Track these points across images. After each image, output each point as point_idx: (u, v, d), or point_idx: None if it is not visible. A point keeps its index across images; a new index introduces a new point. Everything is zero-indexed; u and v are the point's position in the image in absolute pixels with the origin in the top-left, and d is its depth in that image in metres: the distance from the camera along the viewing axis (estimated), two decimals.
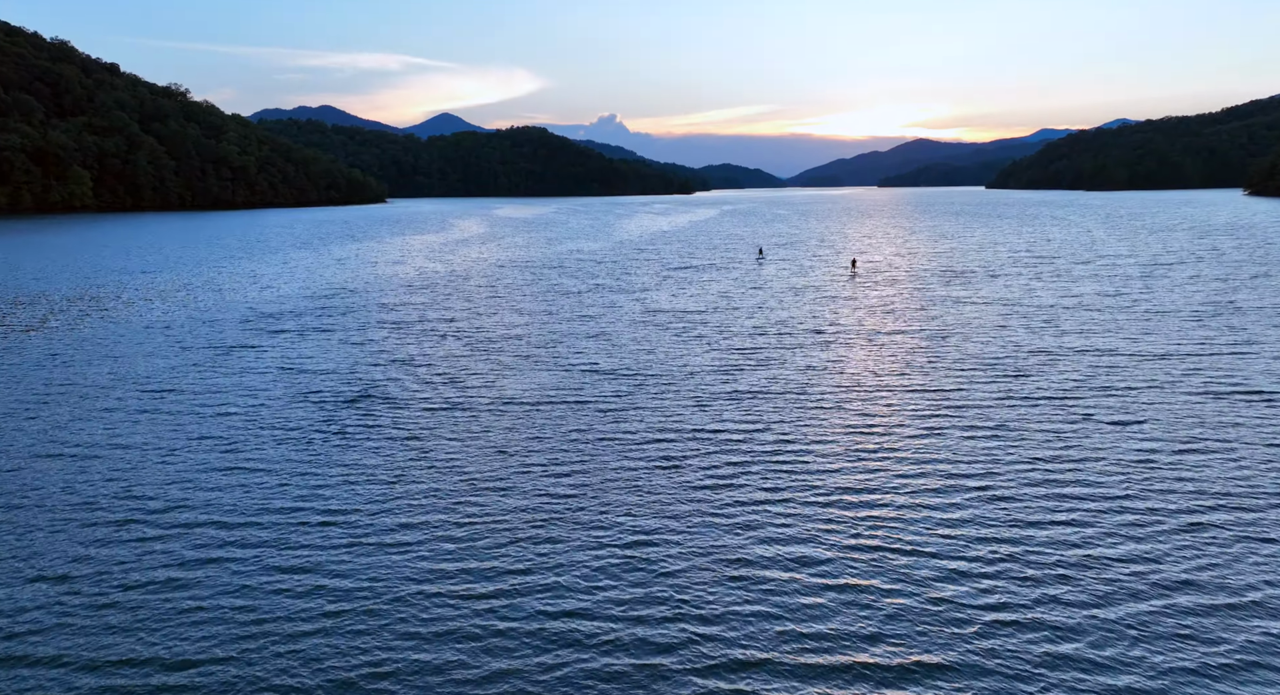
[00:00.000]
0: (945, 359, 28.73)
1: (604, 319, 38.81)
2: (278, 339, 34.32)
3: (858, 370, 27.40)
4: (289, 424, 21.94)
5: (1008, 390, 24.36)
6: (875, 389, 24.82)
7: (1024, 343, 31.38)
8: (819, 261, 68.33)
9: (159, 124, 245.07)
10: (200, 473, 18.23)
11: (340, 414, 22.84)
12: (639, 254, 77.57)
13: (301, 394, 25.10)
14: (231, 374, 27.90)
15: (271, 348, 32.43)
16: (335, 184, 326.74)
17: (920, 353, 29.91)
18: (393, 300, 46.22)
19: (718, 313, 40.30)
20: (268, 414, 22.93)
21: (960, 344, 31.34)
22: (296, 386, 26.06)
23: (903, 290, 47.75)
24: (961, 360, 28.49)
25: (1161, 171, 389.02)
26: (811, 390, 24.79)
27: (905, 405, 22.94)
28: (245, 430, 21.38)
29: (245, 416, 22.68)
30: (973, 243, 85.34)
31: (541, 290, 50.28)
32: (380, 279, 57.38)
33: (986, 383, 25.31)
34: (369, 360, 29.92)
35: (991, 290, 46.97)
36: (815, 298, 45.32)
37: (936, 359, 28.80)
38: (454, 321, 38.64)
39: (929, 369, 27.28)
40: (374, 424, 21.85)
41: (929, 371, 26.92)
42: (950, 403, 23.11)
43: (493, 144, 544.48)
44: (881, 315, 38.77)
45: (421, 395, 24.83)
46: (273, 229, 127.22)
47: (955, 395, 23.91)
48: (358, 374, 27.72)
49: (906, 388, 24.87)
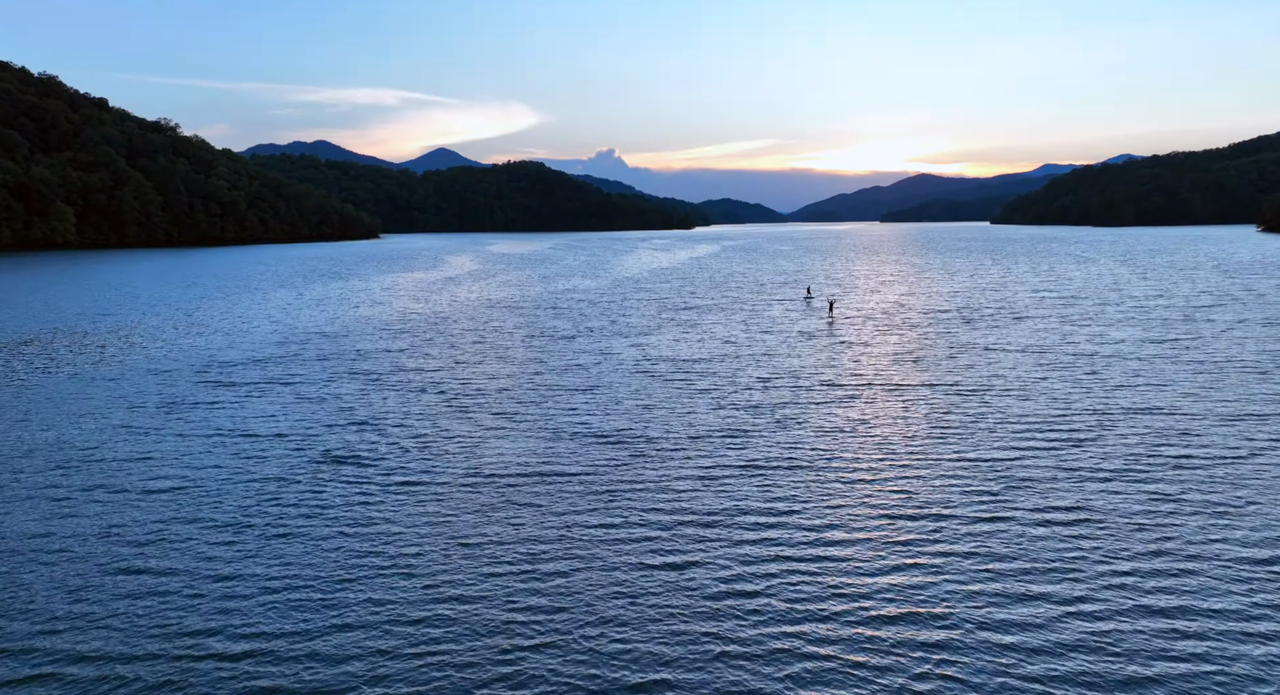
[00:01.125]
0: (986, 421, 25.68)
1: (598, 369, 35.85)
2: (231, 394, 31.27)
3: (888, 434, 24.34)
4: (222, 507, 18.81)
5: (1070, 464, 21.28)
6: (911, 459, 21.74)
7: (1072, 401, 28.36)
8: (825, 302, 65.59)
9: (147, 159, 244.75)
10: (103, 578, 15.05)
11: (285, 493, 19.71)
12: (637, 293, 74.92)
13: (246, 464, 21.98)
14: (168, 437, 24.79)
15: (222, 405, 29.36)
16: (327, 220, 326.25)
17: (956, 412, 26.88)
18: (368, 346, 43.29)
19: (724, 361, 37.36)
20: (200, 493, 19.79)
21: (1000, 402, 28.32)
22: (241, 454, 22.95)
23: (925, 334, 44.86)
24: (1005, 423, 25.45)
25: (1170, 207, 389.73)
26: (837, 461, 21.71)
27: (951, 483, 19.85)
28: (168, 516, 18.24)
29: (173, 496, 19.54)
30: (989, 281, 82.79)
31: (531, 334, 47.40)
32: (358, 322, 54.52)
33: (1042, 452, 22.23)
34: (329, 420, 26.85)
35: (1020, 335, 44.10)
36: (829, 343, 42.42)
37: (976, 420, 25.75)
38: (432, 372, 35.65)
39: (971, 433, 24.22)
40: (321, 506, 18.72)
41: (971, 437, 23.86)
42: (1004, 478, 20.01)
43: (489, 179, 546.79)
44: (907, 365, 35.80)
45: (384, 467, 21.72)
46: (256, 266, 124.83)
47: (1008, 468, 20.82)
48: (313, 439, 24.62)
49: (948, 458, 21.79)
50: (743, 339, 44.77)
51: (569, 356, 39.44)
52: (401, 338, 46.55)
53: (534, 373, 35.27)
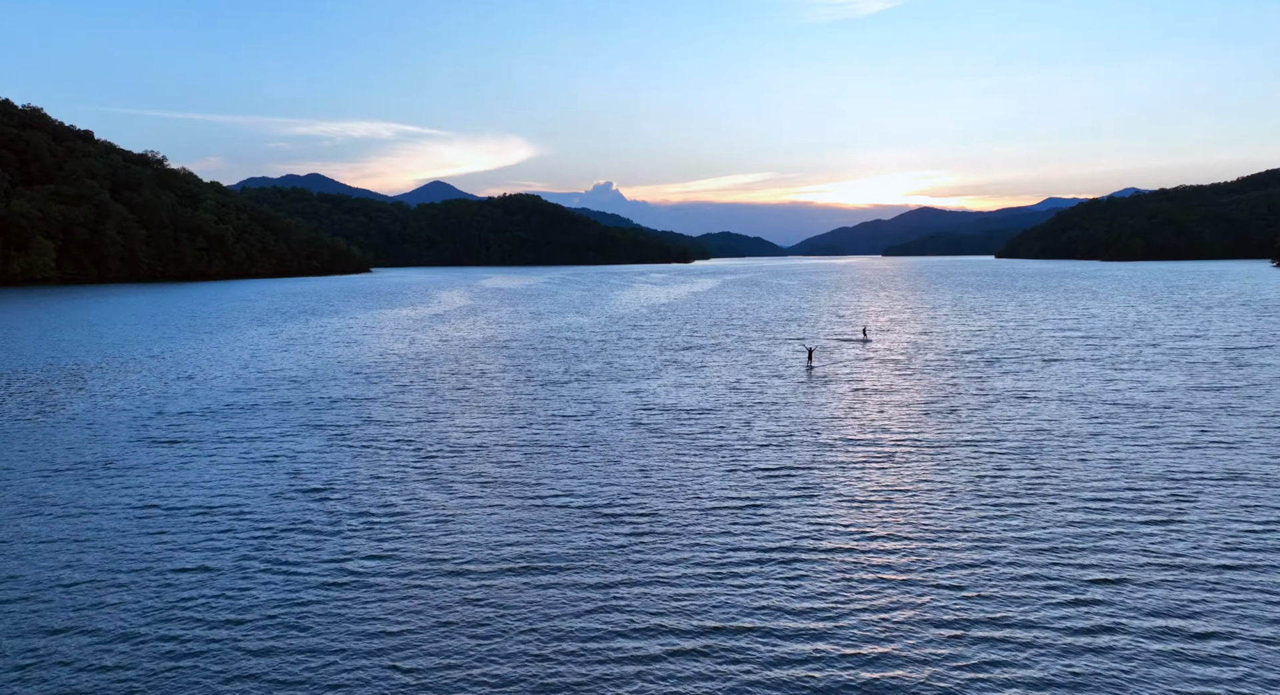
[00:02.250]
0: (1042, 489, 22.34)
1: (591, 422, 32.52)
2: (170, 454, 27.87)
3: (931, 509, 20.98)
4: (118, 611, 15.37)
5: (1159, 550, 17.91)
6: (963, 544, 18.36)
7: (1137, 465, 25.03)
8: (840, 341, 62.49)
9: (131, 192, 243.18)
10: None
11: (199, 593, 16.29)
12: (634, 331, 71.81)
13: (160, 551, 18.57)
14: (76, 514, 21.36)
15: (154, 468, 25.95)
16: (317, 253, 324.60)
17: (1007, 478, 23.53)
18: (337, 393, 39.98)
19: (732, 412, 34.06)
20: (91, 593, 16.35)
21: (1053, 464, 25.00)
22: (160, 537, 19.54)
23: (953, 380, 41.63)
24: (1065, 491, 22.10)
25: (1179, 241, 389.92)
26: (875, 545, 18.33)
27: (1018, 581, 16.45)
28: (40, 626, 14.79)
29: (61, 595, 16.10)
30: (1008, 318, 79.81)
31: (518, 379, 44.13)
32: (331, 365, 51.24)
33: (1120, 534, 18.87)
34: (275, 488, 23.46)
35: (1057, 381, 40.88)
36: (849, 389, 39.16)
37: (1031, 488, 22.41)
38: (404, 426, 32.30)
39: (1028, 506, 20.87)
40: (242, 611, 15.29)
41: (1029, 511, 20.51)
42: (1078, 570, 16.64)
43: (484, 212, 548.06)
44: (939, 417, 32.49)
45: (330, 553, 18.31)
46: (235, 303, 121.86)
47: (1082, 554, 17.45)
48: (251, 515, 21.21)
49: (1008, 541, 18.42)
50: (750, 384, 41.52)
51: (559, 406, 36.14)
52: (376, 383, 43.25)
53: (519, 425, 31.94)
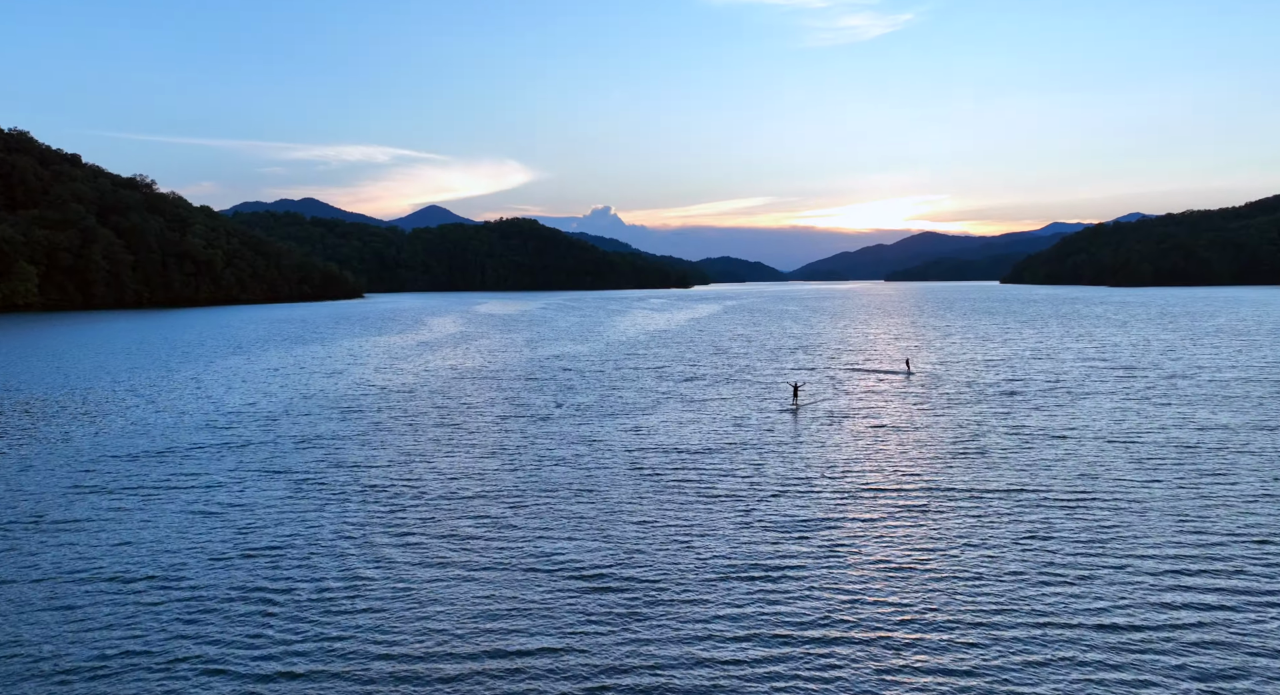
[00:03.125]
0: (1103, 553, 19.61)
1: (583, 465, 29.78)
2: (106, 505, 25.07)
3: (974, 574, 18.23)
4: None
5: (1252, 629, 15.16)
6: (1016, 623, 15.60)
7: (1208, 520, 22.31)
8: (852, 372, 59.86)
9: (119, 216, 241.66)
10: None
11: (130, 675, 13.47)
12: (631, 360, 69.17)
13: (87, 620, 15.77)
14: (3, 583, 18.57)
15: (85, 524, 23.16)
16: (309, 279, 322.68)
17: (1060, 539, 20.79)
18: (309, 431, 37.23)
19: (739, 453, 31.32)
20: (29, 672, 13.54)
21: (1110, 519, 22.27)
22: (83, 604, 16.75)
23: (979, 415, 38.93)
24: (1133, 555, 19.36)
25: (1188, 267, 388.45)
26: (916, 623, 15.56)
27: (1087, 664, 13.67)
28: None
29: None
30: (1026, 347, 77.23)
31: (507, 414, 41.41)
32: (307, 398, 48.52)
33: (1204, 610, 16.11)
34: (222, 548, 20.68)
35: (1092, 417, 38.21)
36: (865, 427, 36.46)
37: (1090, 553, 19.68)
38: (378, 469, 29.55)
39: (1090, 578, 18.13)
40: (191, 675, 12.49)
41: (1093, 586, 17.77)
42: (1170, 661, 13.86)
43: (480, 236, 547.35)
44: (972, 461, 29.75)
45: (270, 643, 15.51)
46: (218, 329, 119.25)
47: (1170, 644, 14.68)
48: (187, 583, 18.43)
49: (1072, 621, 15.66)
50: (758, 420, 38.82)
51: (549, 446, 33.40)
52: (352, 419, 40.51)
53: (505, 470, 29.19)
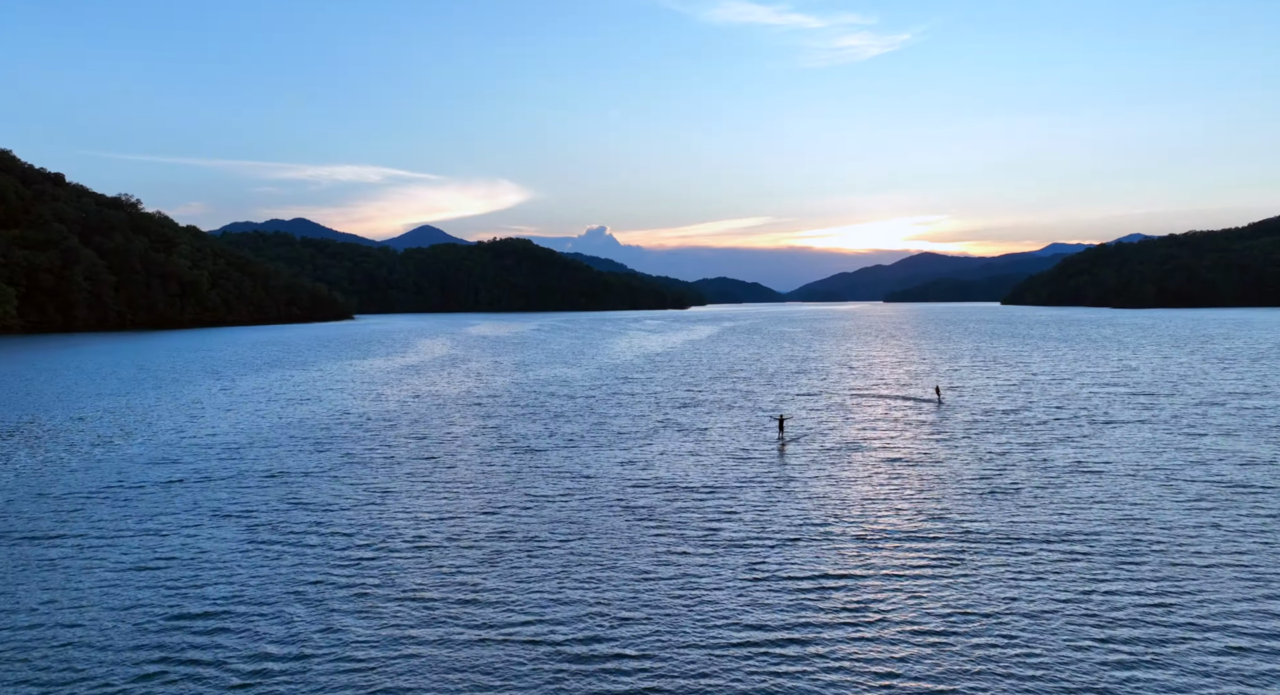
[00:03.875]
0: (1168, 614, 17.07)
1: (572, 505, 27.19)
2: (31, 555, 22.39)
3: (1026, 649, 15.66)
4: None
5: None
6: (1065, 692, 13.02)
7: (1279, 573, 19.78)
8: (859, 398, 57.37)
9: (102, 237, 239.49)
10: None
11: None
12: (626, 385, 66.61)
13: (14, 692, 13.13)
14: None
15: (15, 575, 20.49)
16: (297, 300, 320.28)
17: (1123, 596, 18.25)
18: (274, 465, 34.59)
19: (743, 491, 28.76)
20: None
21: (1167, 570, 19.75)
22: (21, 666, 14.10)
23: (1004, 448, 36.41)
24: (1204, 618, 16.82)
25: (1192, 288, 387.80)
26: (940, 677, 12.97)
27: None
28: None
29: None
30: (1040, 371, 74.81)
31: (492, 446, 38.80)
32: (278, 427, 45.87)
33: None
34: (154, 612, 18.05)
35: (1124, 450, 35.73)
36: (880, 459, 33.92)
37: (1154, 615, 17.15)
38: (343, 512, 26.92)
39: (1160, 647, 15.58)
40: None
41: (1166, 655, 15.21)
42: None
43: (473, 257, 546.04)
44: (1001, 501, 27.19)
45: None
46: (197, 352, 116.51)
47: None
48: (103, 657, 15.79)
49: None
50: (762, 454, 36.26)
51: (535, 482, 30.80)
52: (321, 452, 37.86)
53: (485, 512, 26.58)
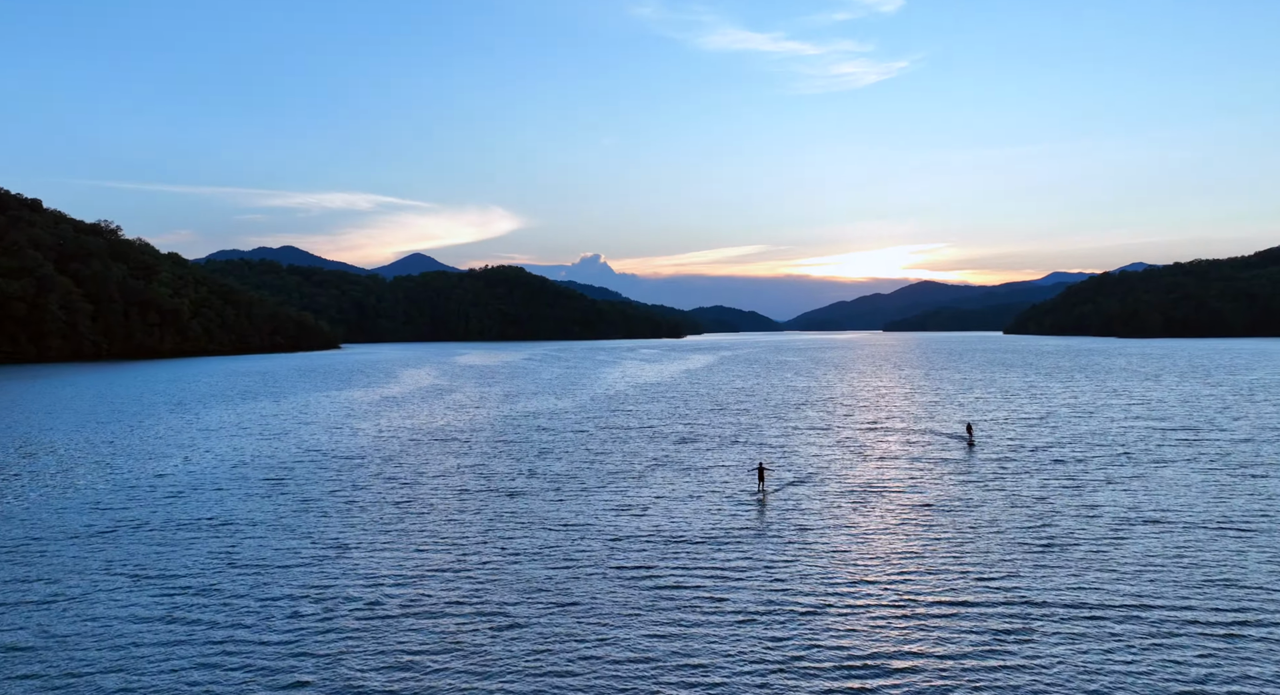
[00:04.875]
0: None
1: (554, 562, 23.73)
2: None
3: None
4: None
5: None
6: None
7: None
8: (875, 435, 54.03)
9: (79, 264, 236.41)
10: None
11: None
12: (620, 417, 63.18)
13: None
14: None
15: None
16: (281, 329, 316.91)
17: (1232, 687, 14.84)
18: (221, 511, 31.07)
19: (754, 543, 25.34)
20: None
21: (1274, 652, 16.35)
22: None
23: (1043, 492, 33.04)
24: None
25: (1199, 317, 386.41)
26: None
27: None
28: None
29: None
30: (1063, 404, 71.56)
31: (469, 488, 35.32)
32: (235, 466, 42.35)
33: None
34: None
35: (1179, 493, 32.40)
36: (907, 503, 30.52)
37: None
38: (288, 570, 23.43)
39: None
40: None
41: None
42: None
43: (464, 284, 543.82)
44: (1054, 558, 23.78)
45: None
46: (166, 383, 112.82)
47: None
48: None
49: None
50: (773, 499, 32.82)
51: (514, 533, 27.33)
52: (275, 497, 34.33)
53: (453, 571, 23.11)
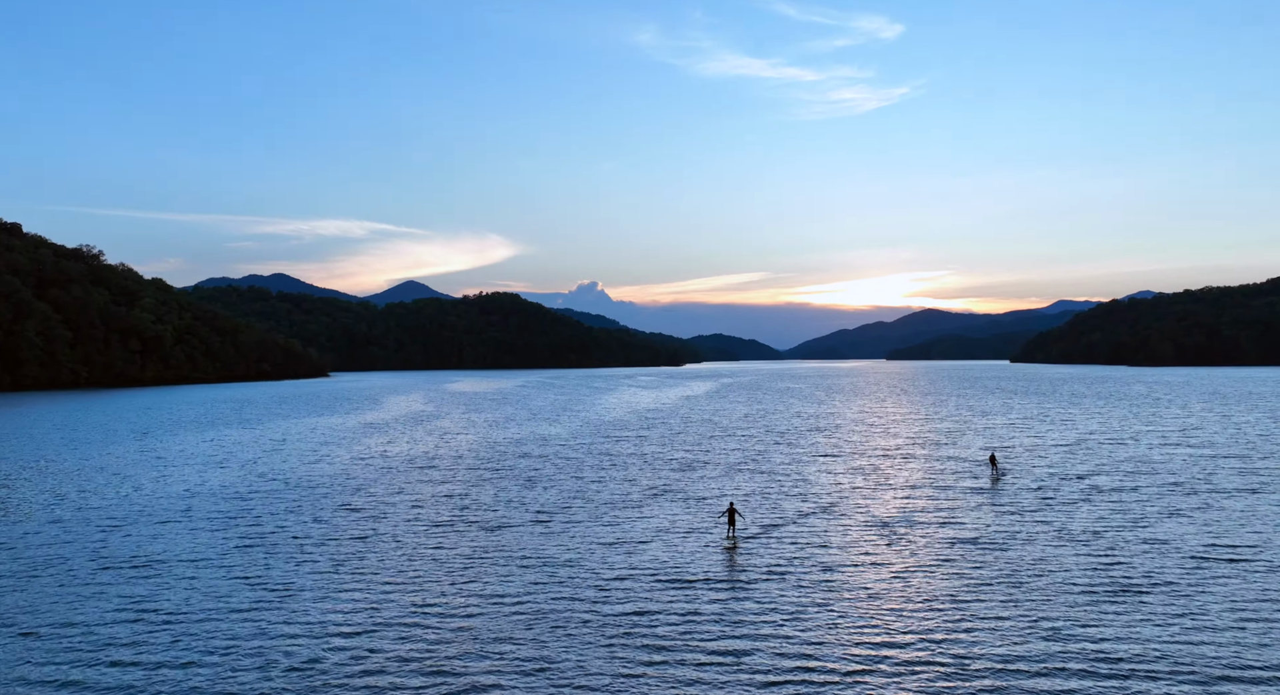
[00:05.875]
0: None
1: (535, 611, 20.07)
2: None
3: None
4: None
5: None
6: None
7: None
8: (895, 462, 50.43)
9: (59, 289, 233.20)
10: None
11: None
12: (615, 444, 59.51)
13: None
14: None
15: None
16: (268, 356, 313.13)
17: None
18: (146, 551, 27.42)
19: (769, 584, 21.69)
20: None
21: None
22: None
23: (1099, 525, 29.44)
24: None
25: (1212, 346, 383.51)
26: None
27: None
28: None
29: None
30: (1093, 431, 67.97)
31: (441, 521, 31.66)
32: (178, 499, 38.69)
33: None
34: None
35: (1260, 526, 28.81)
36: (942, 542, 26.91)
37: None
38: (216, 622, 19.76)
39: None
40: None
41: None
42: None
43: (458, 311, 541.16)
44: (1126, 607, 20.17)
45: None
46: (136, 411, 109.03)
47: None
48: None
49: None
50: (787, 531, 29.18)
51: (488, 575, 23.68)
52: (222, 530, 30.64)
53: (415, 623, 19.44)
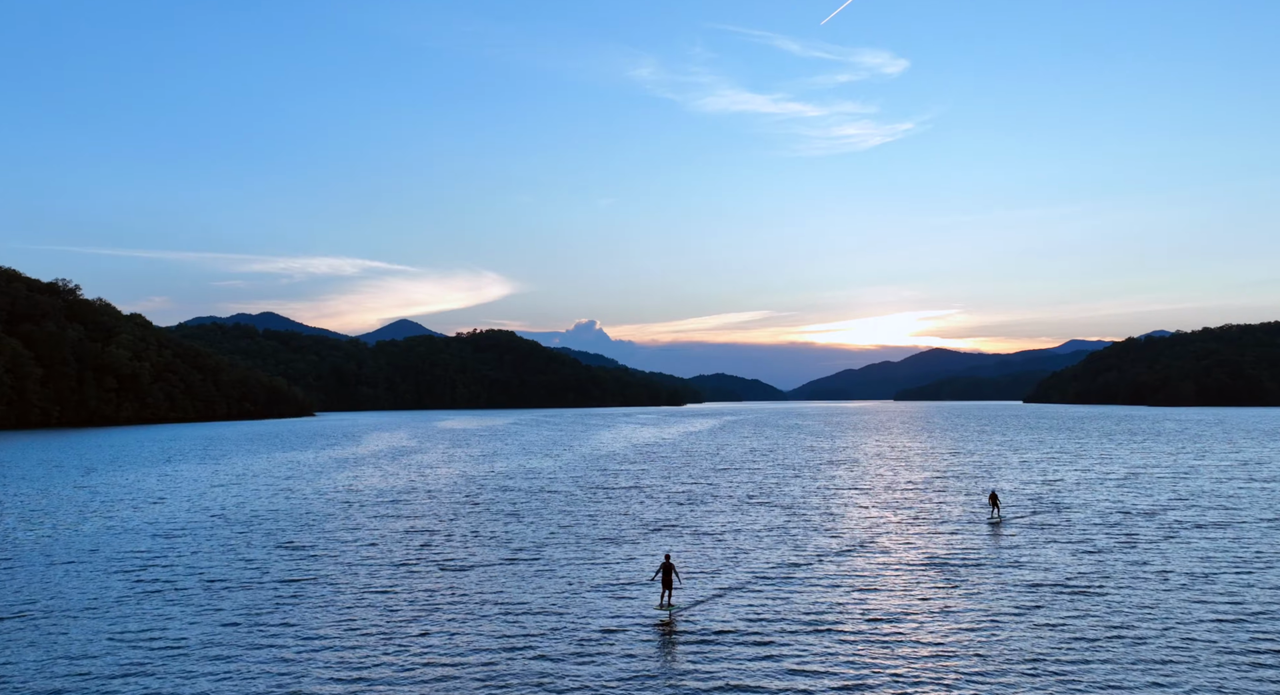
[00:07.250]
0: None
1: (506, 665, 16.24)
2: None
3: None
4: None
5: None
6: None
7: None
8: (917, 491, 46.59)
9: (31, 324, 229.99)
10: None
11: None
12: (611, 477, 55.63)
13: None
14: None
15: None
16: (251, 395, 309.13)
17: None
18: (54, 594, 23.51)
19: (783, 636, 17.83)
20: None
21: None
22: None
23: (1206, 562, 25.66)
24: None
25: (1235, 385, 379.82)
26: None
27: None
28: None
29: None
30: (1139, 465, 64.14)
31: (405, 561, 27.89)
32: (108, 534, 34.84)
33: None
34: None
35: None
36: (990, 578, 23.14)
37: None
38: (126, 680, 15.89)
39: None
40: None
41: None
42: None
43: (451, 350, 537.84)
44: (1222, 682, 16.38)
45: None
46: (92, 449, 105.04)
47: None
48: None
49: None
50: (797, 568, 25.37)
51: (454, 623, 19.91)
52: (145, 569, 26.91)
53: (359, 682, 15.56)
